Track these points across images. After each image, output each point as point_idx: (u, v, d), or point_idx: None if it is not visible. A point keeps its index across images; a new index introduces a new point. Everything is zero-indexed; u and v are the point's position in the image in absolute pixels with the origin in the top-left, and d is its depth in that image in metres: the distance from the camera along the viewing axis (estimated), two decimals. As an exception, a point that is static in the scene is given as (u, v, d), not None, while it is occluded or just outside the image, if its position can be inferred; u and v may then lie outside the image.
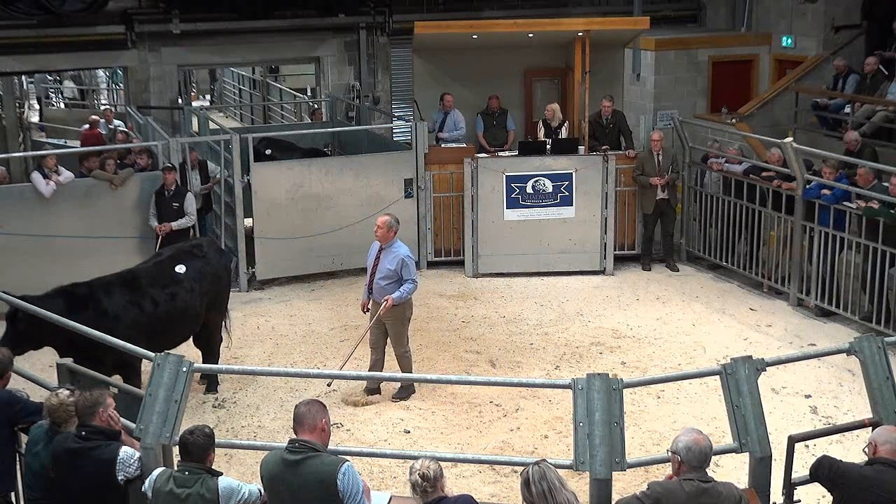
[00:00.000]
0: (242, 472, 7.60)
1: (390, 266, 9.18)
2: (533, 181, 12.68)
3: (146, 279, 8.95)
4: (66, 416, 5.49)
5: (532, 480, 4.69)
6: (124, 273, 9.03)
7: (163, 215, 11.68)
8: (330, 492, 4.92)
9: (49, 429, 5.56)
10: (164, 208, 11.70)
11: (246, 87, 25.20)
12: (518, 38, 13.53)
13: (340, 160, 13.68)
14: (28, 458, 5.66)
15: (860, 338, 5.74)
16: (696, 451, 4.85)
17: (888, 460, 5.02)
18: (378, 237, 9.28)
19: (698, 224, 13.29)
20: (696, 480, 4.82)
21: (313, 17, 16.64)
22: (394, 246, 9.24)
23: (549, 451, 8.07)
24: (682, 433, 4.98)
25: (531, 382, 7.44)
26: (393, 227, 9.21)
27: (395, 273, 9.18)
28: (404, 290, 9.19)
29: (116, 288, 8.72)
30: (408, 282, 9.20)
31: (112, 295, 8.63)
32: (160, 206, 11.72)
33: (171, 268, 9.12)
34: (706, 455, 4.87)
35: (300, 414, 5.09)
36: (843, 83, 14.63)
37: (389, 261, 9.20)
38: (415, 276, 9.29)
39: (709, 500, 4.79)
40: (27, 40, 15.13)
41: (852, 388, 9.22)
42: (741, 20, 17.40)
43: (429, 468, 4.85)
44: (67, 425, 5.48)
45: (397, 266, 9.16)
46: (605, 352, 10.49)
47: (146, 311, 8.76)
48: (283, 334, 11.04)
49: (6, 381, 6.06)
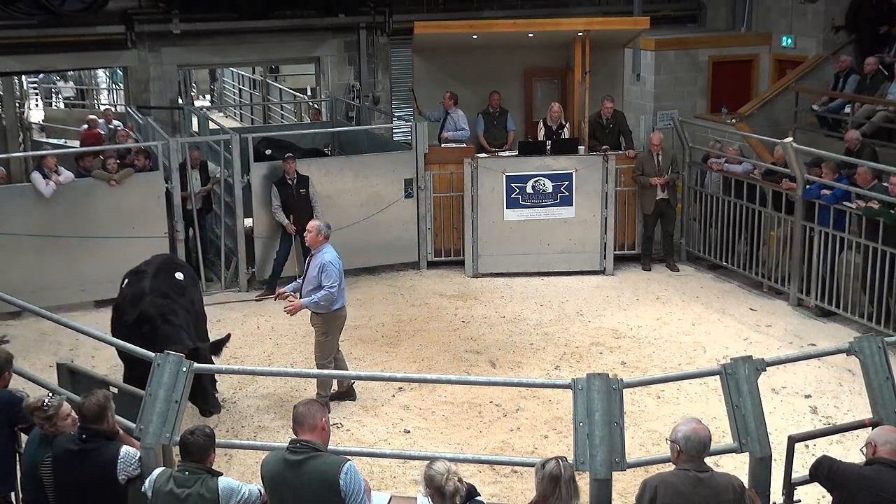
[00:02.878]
0: (242, 472, 7.61)
1: (313, 272, 8.85)
2: (533, 181, 12.68)
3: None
4: (42, 422, 5.49)
5: (562, 479, 4.71)
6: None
7: (291, 203, 11.90)
8: (332, 491, 4.93)
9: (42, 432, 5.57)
10: (290, 197, 11.94)
11: (246, 87, 25.20)
12: (518, 38, 13.52)
13: (340, 160, 13.69)
14: (25, 459, 5.66)
15: (860, 338, 5.75)
16: (695, 441, 4.88)
17: (888, 460, 5.02)
18: (308, 241, 9.02)
19: (698, 224, 13.29)
20: (693, 471, 4.85)
21: (313, 17, 16.63)
22: (321, 251, 8.87)
23: (549, 451, 8.06)
24: (681, 422, 5.01)
25: (531, 382, 7.46)
26: (322, 232, 8.88)
27: (319, 280, 8.80)
28: (317, 297, 8.75)
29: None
30: (324, 289, 8.73)
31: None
32: (285, 195, 11.92)
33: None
34: (704, 445, 4.90)
35: (299, 414, 5.10)
36: (843, 82, 14.63)
37: (313, 267, 8.88)
38: (333, 284, 8.77)
39: (706, 491, 4.83)
40: (27, 40, 15.13)
41: (852, 388, 9.22)
42: (741, 20, 17.40)
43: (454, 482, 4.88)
44: (54, 429, 5.48)
45: (319, 272, 8.80)
46: (605, 352, 10.49)
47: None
48: (282, 334, 11.04)
49: (6, 382, 6.06)
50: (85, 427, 5.38)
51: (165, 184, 12.01)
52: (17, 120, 18.65)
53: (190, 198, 12.30)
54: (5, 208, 11.33)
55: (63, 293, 11.51)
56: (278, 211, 12.00)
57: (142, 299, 8.41)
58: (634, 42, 15.31)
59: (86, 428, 5.38)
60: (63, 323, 6.91)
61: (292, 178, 11.99)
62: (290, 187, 11.99)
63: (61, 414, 5.49)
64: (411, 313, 11.62)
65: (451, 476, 4.89)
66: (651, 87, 16.51)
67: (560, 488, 4.71)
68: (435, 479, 4.89)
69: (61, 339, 10.55)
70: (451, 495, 4.88)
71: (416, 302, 12.04)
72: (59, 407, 5.51)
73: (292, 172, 11.99)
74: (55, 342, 10.58)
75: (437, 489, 4.89)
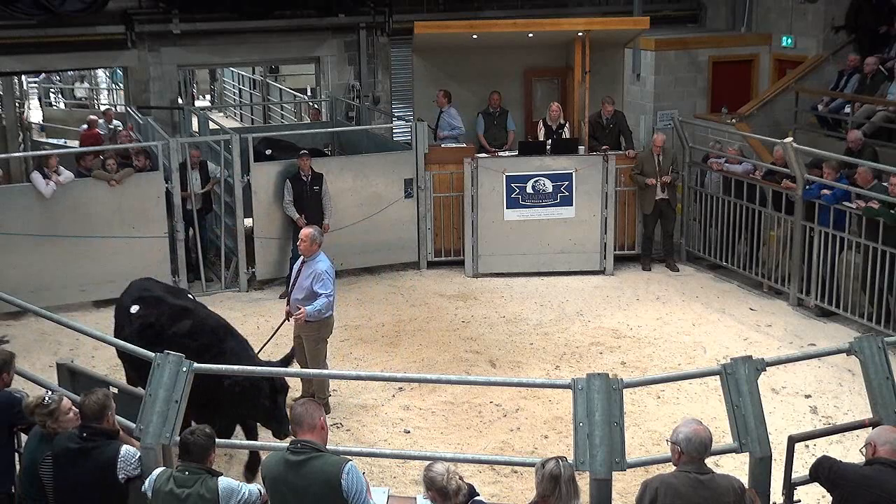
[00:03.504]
0: (242, 472, 7.61)
1: (305, 282, 8.76)
2: (533, 181, 12.68)
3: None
4: (44, 418, 5.49)
5: (562, 478, 4.70)
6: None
7: (303, 200, 11.97)
8: (334, 491, 4.92)
9: (42, 430, 5.57)
10: (304, 193, 12.00)
11: (246, 87, 25.20)
12: (518, 38, 13.52)
13: (340, 160, 13.69)
14: (24, 458, 5.66)
15: (860, 338, 5.75)
16: (696, 442, 4.87)
17: (888, 460, 5.02)
18: (301, 250, 8.90)
19: (698, 224, 13.29)
20: (693, 473, 4.84)
21: (313, 17, 16.62)
22: (315, 259, 8.77)
23: (549, 451, 8.06)
24: (682, 423, 5.00)
25: (531, 382, 7.43)
26: (316, 240, 8.80)
27: (310, 290, 8.72)
28: (317, 305, 8.66)
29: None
30: (321, 297, 8.66)
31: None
32: (299, 190, 11.98)
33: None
34: (705, 446, 4.89)
35: (298, 415, 5.09)
36: (846, 81, 14.62)
37: (306, 276, 8.77)
38: (330, 292, 8.71)
39: (706, 493, 4.81)
40: (27, 40, 15.12)
41: (852, 388, 9.23)
42: (741, 20, 17.40)
43: (456, 480, 4.87)
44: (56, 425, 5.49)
45: (312, 282, 8.70)
46: (605, 352, 10.49)
47: None
48: (282, 334, 10.98)
49: (7, 382, 6.05)
50: (86, 426, 5.39)
51: (165, 184, 12.01)
52: (17, 120, 18.65)
53: (190, 198, 12.30)
54: (5, 208, 11.33)
55: (63, 293, 11.52)
56: (289, 206, 12.02)
57: (191, 312, 8.06)
58: (634, 42, 15.31)
59: (86, 427, 5.38)
60: (63, 323, 6.91)
61: (307, 174, 12.05)
62: (303, 184, 12.05)
63: (62, 409, 5.49)
64: (411, 313, 11.62)
65: (452, 475, 4.90)
66: (651, 87, 16.51)
67: (560, 487, 4.71)
68: (436, 480, 4.89)
69: (61, 339, 10.55)
70: (454, 494, 4.88)
71: (416, 302, 12.03)
72: (59, 402, 5.52)
73: (307, 169, 12.03)
74: (55, 342, 10.58)
75: (439, 490, 4.88)
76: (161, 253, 11.98)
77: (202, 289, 12.31)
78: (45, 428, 5.50)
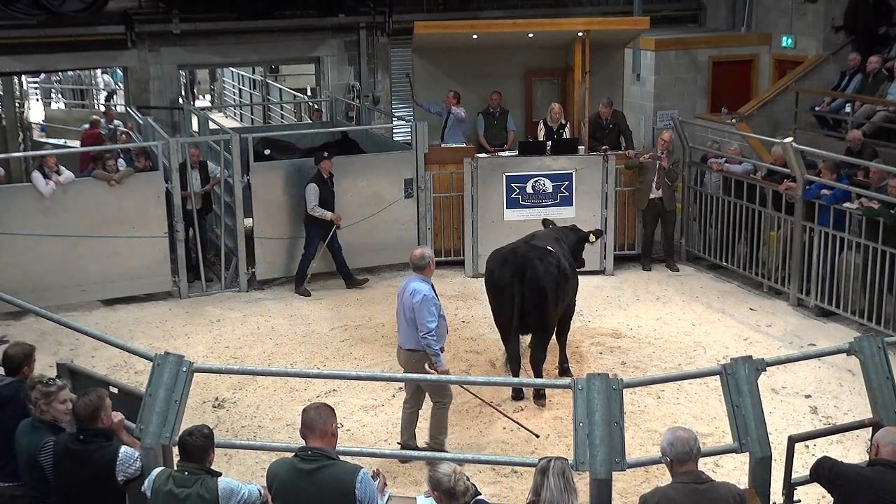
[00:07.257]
0: (242, 472, 7.61)
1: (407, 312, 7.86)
2: (533, 181, 12.68)
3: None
4: (38, 397, 5.52)
5: (551, 471, 4.69)
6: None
7: (329, 201, 12.05)
8: (348, 500, 4.90)
9: (32, 419, 5.58)
10: (328, 194, 12.08)
11: (246, 87, 25.20)
12: (518, 38, 13.52)
13: (341, 160, 13.67)
14: (20, 449, 5.66)
15: (860, 338, 5.75)
16: (679, 445, 4.83)
17: (889, 461, 5.02)
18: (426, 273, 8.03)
19: (698, 224, 13.29)
20: (692, 483, 4.79)
21: (313, 17, 16.63)
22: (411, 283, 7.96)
23: (549, 451, 8.05)
24: (664, 434, 4.97)
25: (531, 382, 7.42)
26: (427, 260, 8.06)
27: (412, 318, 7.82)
28: (426, 344, 7.80)
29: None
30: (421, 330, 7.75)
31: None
32: (325, 193, 12.03)
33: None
34: (690, 445, 4.83)
35: (311, 420, 5.03)
36: (848, 81, 14.61)
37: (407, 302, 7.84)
38: (429, 322, 7.72)
39: (706, 503, 4.77)
40: (27, 40, 15.13)
41: (852, 388, 9.22)
42: (741, 20, 17.42)
43: (463, 480, 4.87)
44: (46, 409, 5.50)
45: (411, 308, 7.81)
46: (605, 352, 10.48)
47: None
48: (282, 334, 11.04)
49: (25, 375, 6.04)
50: (82, 428, 5.38)
51: (165, 184, 12.01)
52: (17, 120, 18.66)
53: (190, 198, 12.30)
54: (5, 208, 11.33)
55: (63, 293, 11.52)
56: (317, 208, 12.02)
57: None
58: (634, 42, 15.32)
59: (83, 429, 5.37)
60: (63, 323, 6.91)
61: (328, 175, 12.14)
62: (327, 185, 12.13)
63: (60, 397, 5.53)
64: (411, 313, 11.59)
65: (459, 476, 4.88)
66: (651, 87, 16.52)
67: (548, 479, 4.67)
68: (443, 481, 4.86)
69: (61, 339, 10.53)
70: (461, 494, 4.86)
71: (416, 302, 12.00)
72: (61, 389, 5.55)
73: (330, 168, 12.15)
74: (55, 342, 10.56)
75: (446, 491, 4.85)
76: (161, 253, 11.98)
77: (202, 289, 12.31)
78: (35, 407, 5.52)
